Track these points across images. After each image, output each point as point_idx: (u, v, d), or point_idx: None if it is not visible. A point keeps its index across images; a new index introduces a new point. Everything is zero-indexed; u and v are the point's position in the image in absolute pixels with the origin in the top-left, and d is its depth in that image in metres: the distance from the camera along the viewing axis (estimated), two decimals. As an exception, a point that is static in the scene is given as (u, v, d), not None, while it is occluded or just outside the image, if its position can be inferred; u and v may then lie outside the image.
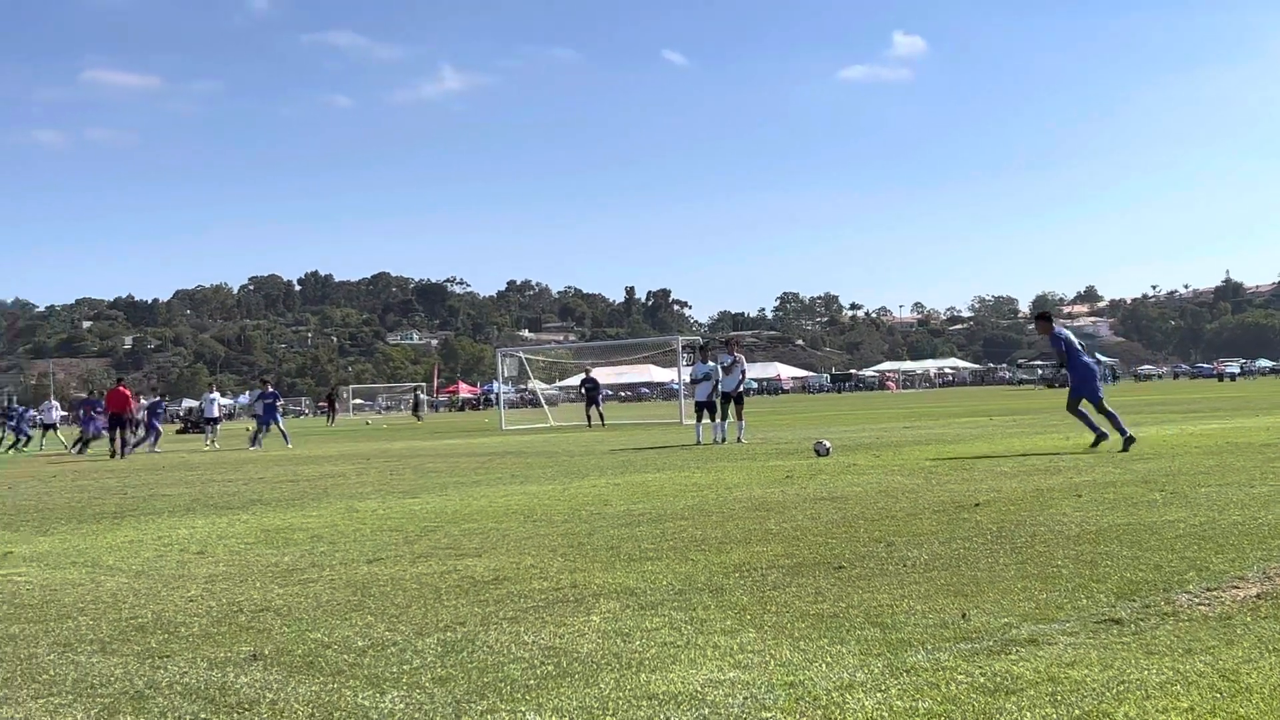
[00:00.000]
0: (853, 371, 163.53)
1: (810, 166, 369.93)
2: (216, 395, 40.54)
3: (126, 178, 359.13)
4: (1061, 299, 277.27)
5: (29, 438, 43.00)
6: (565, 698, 4.85)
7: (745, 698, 4.71)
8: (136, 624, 6.80)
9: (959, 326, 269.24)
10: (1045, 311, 20.63)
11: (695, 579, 7.46)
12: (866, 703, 4.57)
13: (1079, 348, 18.35)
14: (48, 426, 44.91)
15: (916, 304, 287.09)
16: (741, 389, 24.95)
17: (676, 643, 5.72)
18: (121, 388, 34.70)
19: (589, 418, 41.12)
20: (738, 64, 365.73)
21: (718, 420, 24.73)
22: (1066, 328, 19.61)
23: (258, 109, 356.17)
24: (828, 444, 19.18)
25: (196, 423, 38.22)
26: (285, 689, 5.19)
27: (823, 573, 7.49)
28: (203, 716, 4.83)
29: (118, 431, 32.98)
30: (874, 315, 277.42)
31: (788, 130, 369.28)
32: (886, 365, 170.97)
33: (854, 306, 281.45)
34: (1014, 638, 5.51)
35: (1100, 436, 17.38)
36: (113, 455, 31.80)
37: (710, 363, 25.49)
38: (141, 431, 35.60)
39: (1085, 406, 17.87)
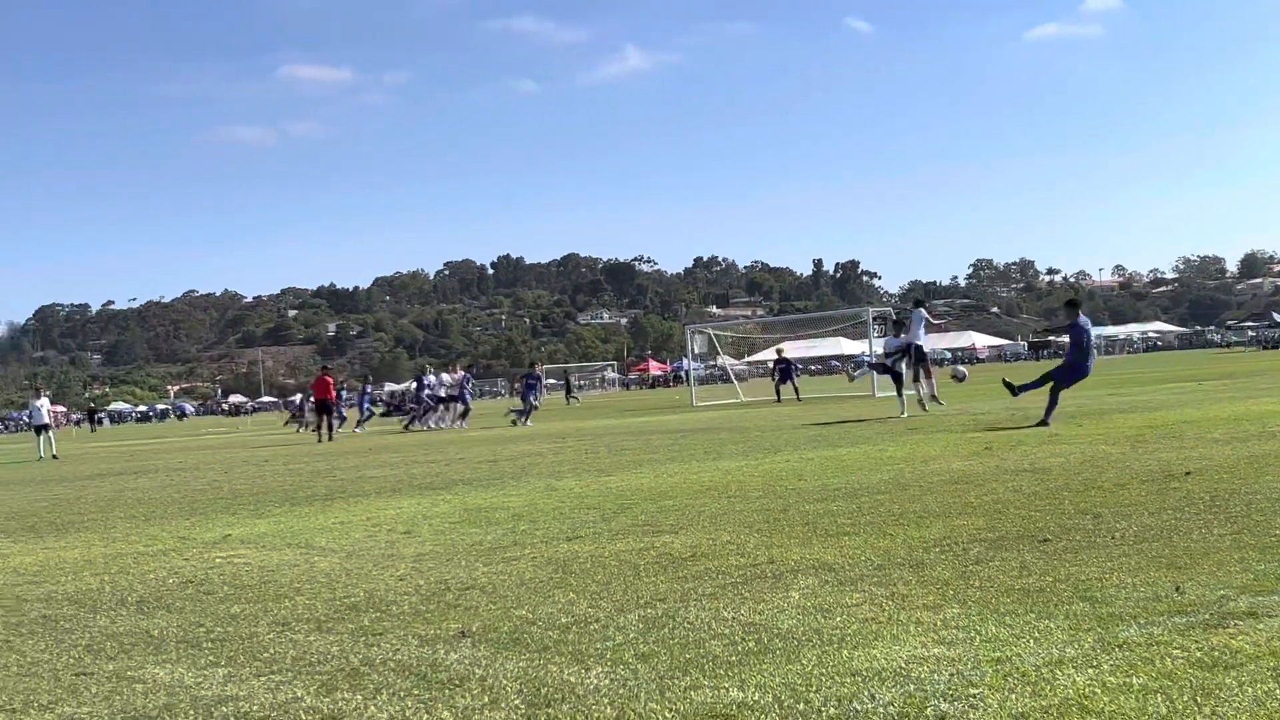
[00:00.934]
0: (1051, 339, 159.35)
1: (1000, 130, 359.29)
2: (446, 376, 41.51)
3: (325, 170, 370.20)
4: (1271, 257, 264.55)
5: (389, 413, 44.65)
6: (768, 674, 4.85)
7: (951, 674, 4.65)
8: (350, 603, 7.05)
9: (1163, 289, 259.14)
10: (1075, 299, 20.93)
11: (894, 554, 7.39)
12: (1077, 679, 4.46)
13: (1091, 343, 19.42)
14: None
15: (1117, 267, 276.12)
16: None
17: (878, 619, 5.67)
18: (325, 375, 35.88)
19: (778, 393, 40.98)
20: (923, 29, 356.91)
21: (907, 392, 24.56)
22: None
23: (446, 97, 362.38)
24: (964, 370, 19.86)
25: (399, 405, 38.96)
26: (494, 665, 5.31)
27: (1027, 546, 7.33)
28: (415, 692, 4.98)
29: (324, 416, 34.19)
30: (1072, 280, 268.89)
31: (976, 94, 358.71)
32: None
33: (1051, 271, 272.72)
34: (1231, 610, 5.32)
35: (1042, 424, 18.29)
36: (320, 439, 32.92)
37: (903, 335, 25.34)
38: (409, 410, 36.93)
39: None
